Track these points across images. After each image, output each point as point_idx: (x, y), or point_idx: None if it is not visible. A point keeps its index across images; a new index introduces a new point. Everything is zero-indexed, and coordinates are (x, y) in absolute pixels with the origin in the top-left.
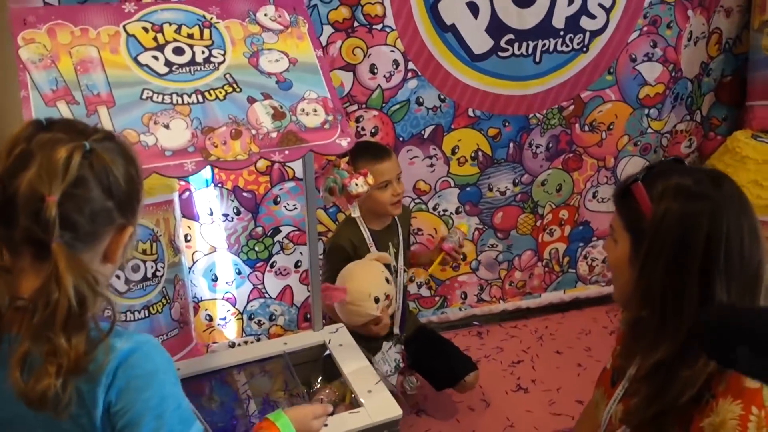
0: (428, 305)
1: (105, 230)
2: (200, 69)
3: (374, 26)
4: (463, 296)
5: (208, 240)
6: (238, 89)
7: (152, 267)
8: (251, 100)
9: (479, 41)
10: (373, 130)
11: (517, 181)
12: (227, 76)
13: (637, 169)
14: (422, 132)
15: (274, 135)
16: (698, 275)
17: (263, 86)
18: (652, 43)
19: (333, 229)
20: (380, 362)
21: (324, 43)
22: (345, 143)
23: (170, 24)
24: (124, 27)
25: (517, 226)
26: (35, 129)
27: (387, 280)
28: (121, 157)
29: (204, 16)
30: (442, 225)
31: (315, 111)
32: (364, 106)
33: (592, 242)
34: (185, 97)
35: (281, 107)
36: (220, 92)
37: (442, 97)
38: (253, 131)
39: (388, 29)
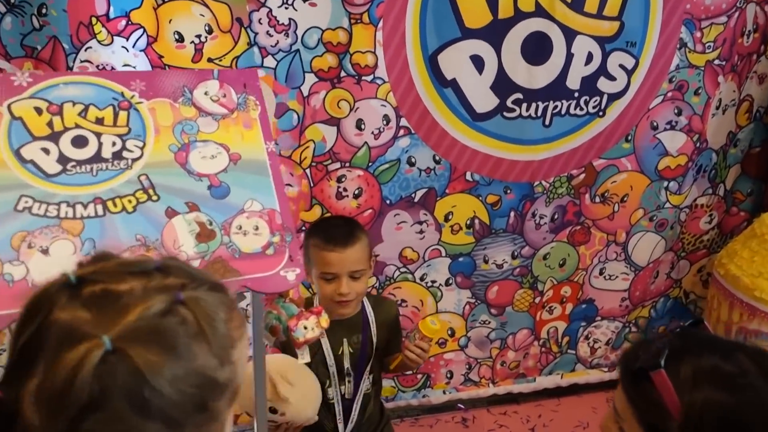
0: (409, 384)
1: None
2: (106, 168)
3: (363, 77)
4: (448, 376)
5: None
6: (154, 197)
7: None
8: (170, 213)
9: (483, 99)
10: (356, 192)
11: (516, 253)
12: (142, 178)
13: (652, 246)
14: (412, 195)
15: (196, 263)
16: None
17: (189, 193)
18: (676, 111)
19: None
20: None
21: (306, 94)
22: (293, 276)
23: (74, 104)
24: (8, 106)
25: (514, 302)
26: (59, 291)
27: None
28: (173, 352)
29: (122, 94)
30: (429, 297)
31: (256, 229)
32: (347, 164)
33: (596, 322)
34: (79, 208)
35: (210, 223)
36: (129, 201)
37: (437, 158)
38: None
39: (379, 81)
